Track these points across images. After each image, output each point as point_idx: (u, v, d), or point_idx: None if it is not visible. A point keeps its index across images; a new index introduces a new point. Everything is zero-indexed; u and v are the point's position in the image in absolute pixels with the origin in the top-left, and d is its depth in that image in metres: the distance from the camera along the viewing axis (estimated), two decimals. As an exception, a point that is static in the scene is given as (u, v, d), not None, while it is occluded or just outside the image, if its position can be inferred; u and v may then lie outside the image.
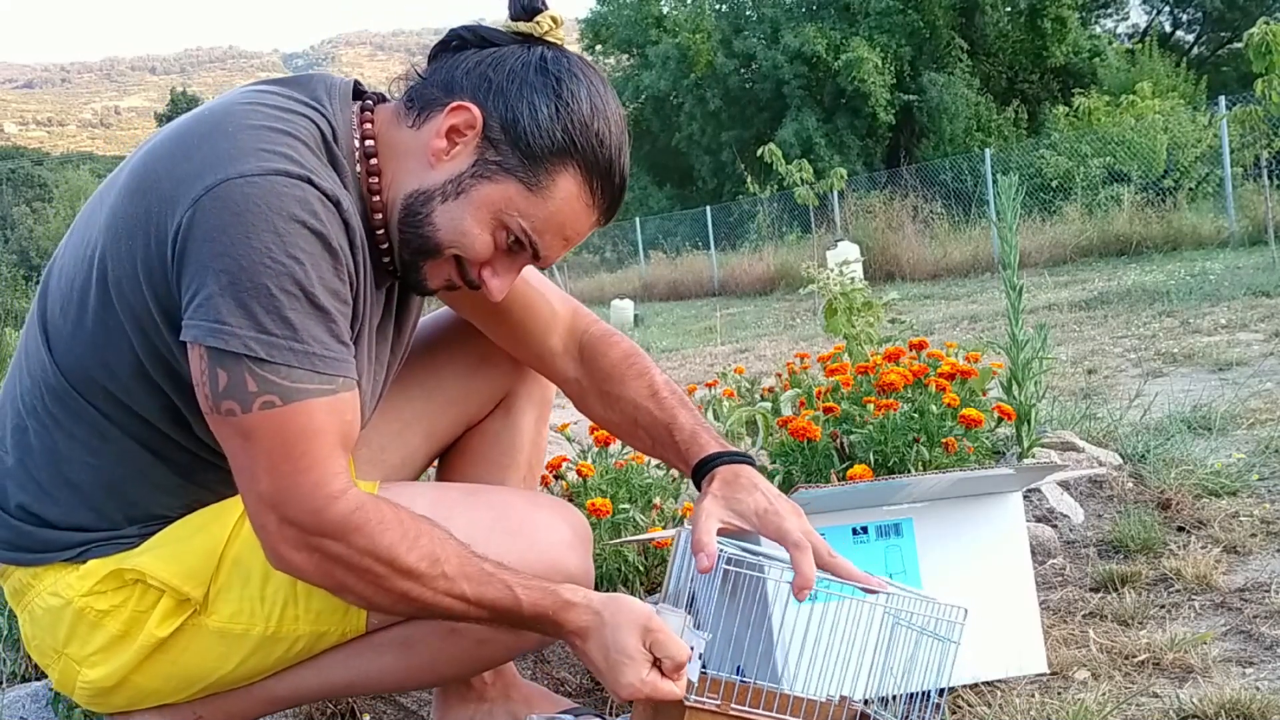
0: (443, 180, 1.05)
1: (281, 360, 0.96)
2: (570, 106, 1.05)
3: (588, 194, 1.07)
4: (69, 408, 1.07)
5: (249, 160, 0.96)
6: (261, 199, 0.95)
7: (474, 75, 1.06)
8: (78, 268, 1.05)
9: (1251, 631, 1.53)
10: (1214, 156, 12.42)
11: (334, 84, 1.11)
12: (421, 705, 1.51)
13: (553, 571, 1.14)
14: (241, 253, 0.94)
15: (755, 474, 1.19)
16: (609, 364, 1.31)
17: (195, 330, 0.96)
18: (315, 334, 0.97)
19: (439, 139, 1.05)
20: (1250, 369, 3.81)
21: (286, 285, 0.95)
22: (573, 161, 1.05)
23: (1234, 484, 2.22)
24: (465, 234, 1.06)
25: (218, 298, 0.94)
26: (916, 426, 2.00)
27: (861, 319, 3.07)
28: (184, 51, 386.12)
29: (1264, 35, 7.18)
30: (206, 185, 0.95)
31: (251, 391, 0.96)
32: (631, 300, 13.21)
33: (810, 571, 1.09)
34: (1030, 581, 1.46)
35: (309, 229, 0.97)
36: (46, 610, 1.12)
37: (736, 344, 7.56)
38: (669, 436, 1.26)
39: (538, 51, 1.07)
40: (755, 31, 24.35)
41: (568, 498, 1.80)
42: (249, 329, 0.94)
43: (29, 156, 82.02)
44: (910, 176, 15.44)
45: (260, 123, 1.00)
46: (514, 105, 1.04)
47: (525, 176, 1.05)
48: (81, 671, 1.13)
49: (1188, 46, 28.85)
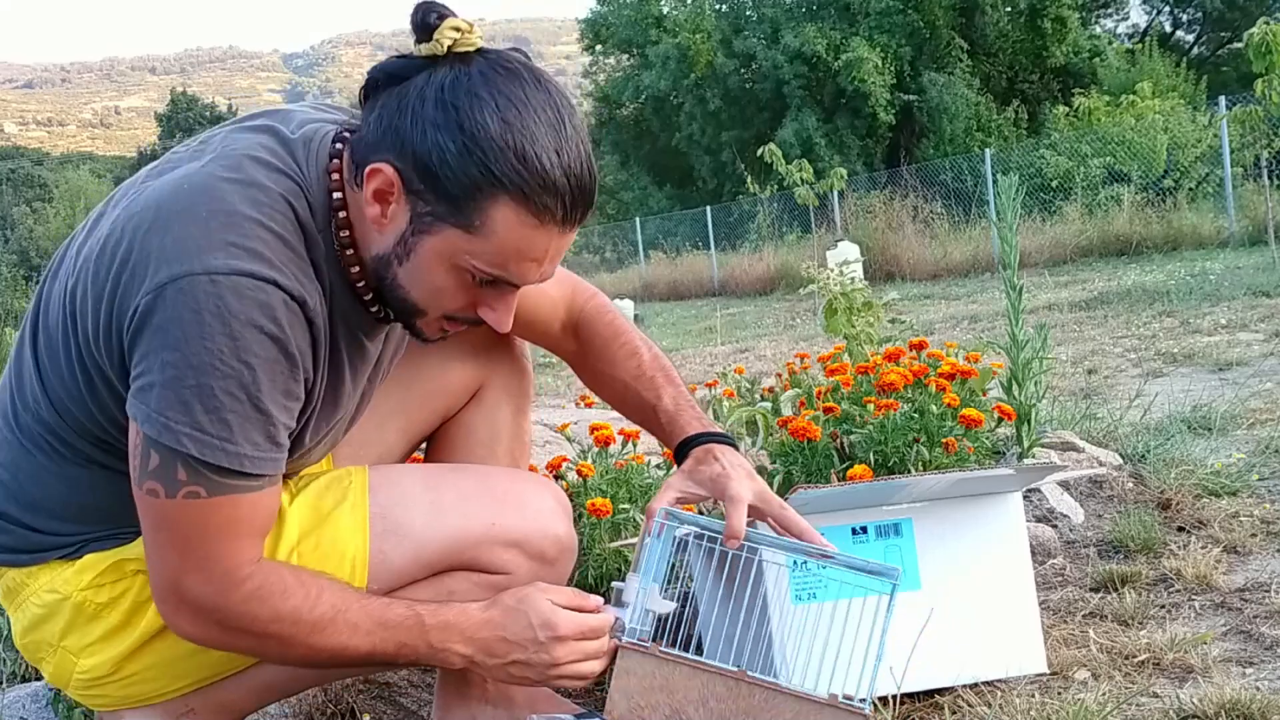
0: (391, 244, 1.03)
1: (212, 459, 0.97)
2: (476, 136, 0.96)
3: (531, 216, 0.99)
4: (63, 439, 1.08)
5: (218, 255, 0.95)
6: (222, 300, 0.94)
7: (384, 126, 1.00)
8: (61, 310, 1.06)
9: (1251, 631, 1.53)
10: (1214, 156, 12.42)
11: (315, 141, 1.07)
12: (422, 705, 1.51)
13: (542, 535, 1.21)
14: (193, 351, 0.94)
15: (725, 450, 1.23)
16: (601, 342, 1.36)
17: (135, 410, 0.98)
18: (251, 437, 0.98)
19: (370, 205, 1.01)
20: (1250, 369, 3.81)
21: (232, 389, 0.96)
22: (499, 190, 0.97)
23: (1234, 484, 2.22)
24: (434, 291, 1.04)
25: (161, 388, 0.95)
26: (916, 426, 2.00)
27: (861, 319, 3.06)
28: (184, 51, 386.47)
29: (1264, 35, 7.18)
30: (173, 274, 0.95)
31: (180, 480, 0.98)
32: (631, 300, 13.17)
33: (738, 524, 1.16)
34: (1030, 582, 1.46)
35: (266, 334, 0.97)
36: (43, 606, 1.13)
37: (736, 344, 7.56)
38: (654, 417, 1.32)
39: (436, 80, 0.98)
40: (755, 31, 24.34)
41: (568, 497, 1.80)
42: (185, 425, 0.96)
43: (29, 156, 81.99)
44: (910, 176, 15.43)
45: (237, 207, 0.98)
46: (421, 153, 0.97)
47: (459, 220, 0.99)
48: (79, 663, 1.14)
49: (1188, 46, 28.84)
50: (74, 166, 55.90)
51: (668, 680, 1.13)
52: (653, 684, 1.13)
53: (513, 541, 1.20)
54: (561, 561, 1.25)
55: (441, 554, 1.18)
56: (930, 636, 1.37)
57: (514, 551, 1.20)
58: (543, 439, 2.79)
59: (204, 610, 1.03)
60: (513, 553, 1.20)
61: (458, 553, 1.18)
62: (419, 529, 1.17)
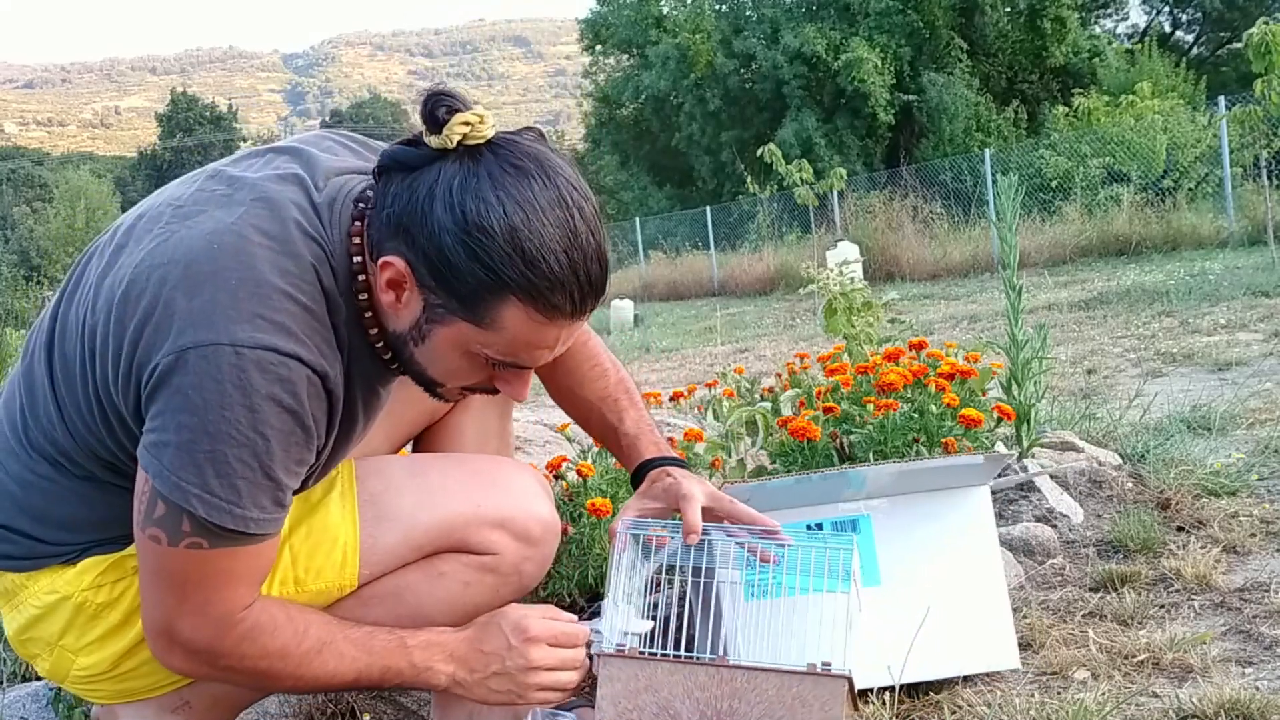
0: (407, 327, 1.05)
1: (218, 521, 0.99)
2: (483, 241, 0.96)
3: (539, 314, 0.99)
4: (76, 461, 1.09)
5: (244, 327, 0.97)
6: (245, 373, 0.96)
7: (394, 219, 1.00)
8: (78, 342, 1.06)
9: (1251, 631, 1.53)
10: (1213, 157, 12.41)
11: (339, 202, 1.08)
12: (422, 705, 1.51)
13: (526, 514, 1.24)
14: (211, 418, 0.96)
15: (681, 471, 1.31)
16: (573, 361, 1.39)
17: (146, 463, 0.99)
18: (259, 501, 1.00)
19: (384, 293, 1.03)
20: (1249, 369, 3.81)
21: (245, 457, 0.98)
22: (508, 292, 0.98)
23: (1233, 484, 2.22)
24: (450, 372, 1.08)
25: (175, 449, 0.97)
26: (916, 426, 2.00)
27: (861, 319, 3.06)
28: (184, 52, 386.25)
29: (1263, 35, 7.19)
30: (198, 340, 0.96)
31: (184, 531, 0.99)
32: (631, 300, 13.21)
33: (694, 519, 1.22)
34: (1000, 576, 1.44)
35: (284, 408, 0.98)
36: (41, 606, 1.14)
37: (736, 344, 7.56)
38: (616, 440, 1.38)
39: (445, 179, 0.98)
40: (755, 32, 24.34)
41: (568, 497, 1.80)
42: (196, 487, 0.97)
43: (29, 156, 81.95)
44: (910, 176, 15.43)
45: (266, 277, 0.99)
46: (430, 252, 0.98)
47: (469, 316, 1.00)
48: (77, 661, 1.15)
49: (1187, 47, 28.85)
50: (74, 167, 55.84)
51: (651, 679, 1.16)
52: (637, 686, 1.16)
53: (498, 521, 1.22)
54: (546, 542, 1.27)
55: (430, 536, 1.21)
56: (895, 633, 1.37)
57: (500, 531, 1.22)
58: (543, 439, 2.79)
59: (197, 651, 1.06)
60: (499, 533, 1.22)
61: (446, 534, 1.21)
62: (407, 513, 1.20)
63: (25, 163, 68.17)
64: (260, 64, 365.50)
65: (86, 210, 36.10)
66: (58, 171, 57.58)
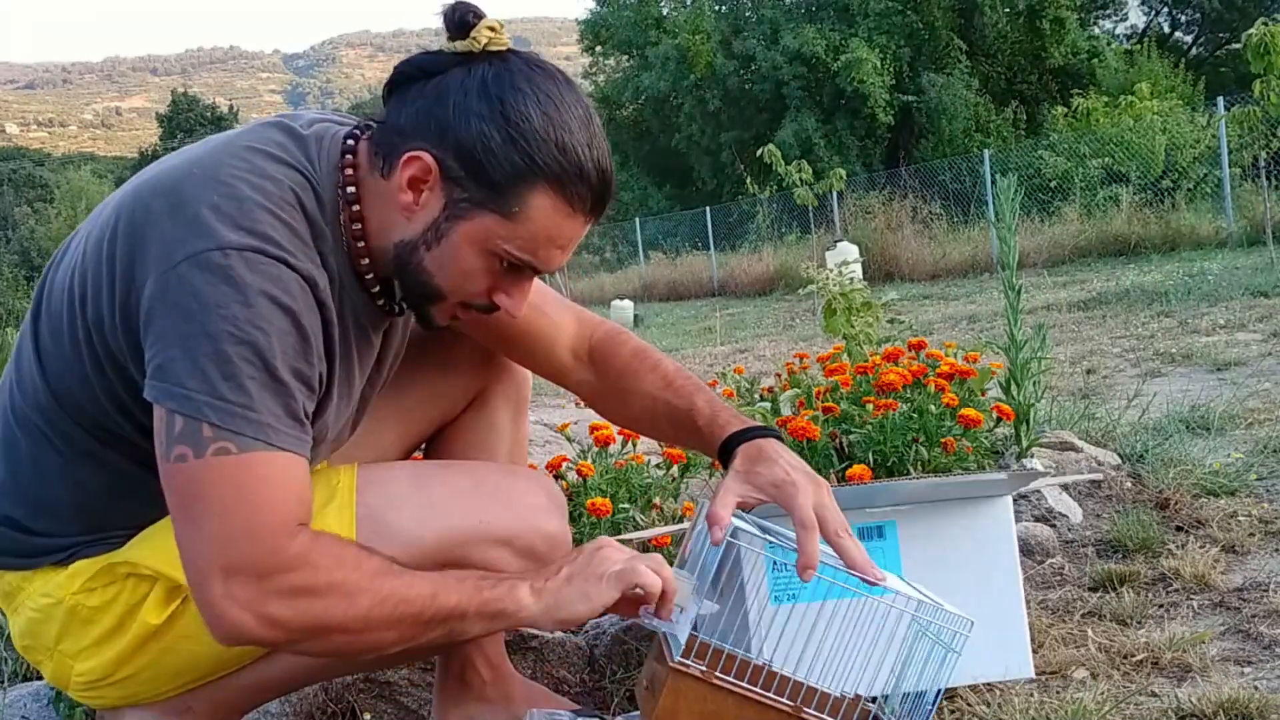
0: (421, 230, 1.05)
1: (233, 427, 0.95)
2: (521, 126, 1.01)
3: (565, 205, 1.04)
4: (61, 429, 1.08)
5: (229, 233, 0.97)
6: (235, 270, 0.95)
7: (421, 116, 1.03)
8: (65, 296, 1.06)
9: (1250, 631, 1.53)
10: (1212, 157, 12.42)
11: (326, 139, 1.09)
12: (422, 705, 1.52)
13: (533, 532, 1.19)
14: (208, 319, 0.94)
15: (779, 446, 1.19)
16: (621, 363, 1.33)
17: (154, 390, 0.97)
18: (271, 408, 0.97)
19: (403, 193, 1.04)
20: (1248, 369, 3.81)
21: (247, 354, 0.95)
22: (540, 179, 1.02)
23: (1232, 484, 2.22)
24: (462, 274, 1.07)
25: (179, 361, 0.95)
26: (915, 426, 2.01)
27: (861, 319, 3.07)
28: (185, 52, 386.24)
29: (1262, 36, 7.20)
30: (187, 252, 0.96)
31: (206, 437, 0.95)
32: (631, 300, 13.22)
33: (813, 551, 1.09)
34: (1019, 587, 1.45)
35: (279, 305, 0.97)
36: (37, 610, 1.13)
37: (736, 344, 7.56)
38: (691, 422, 1.27)
39: (478, 73, 1.03)
40: (755, 32, 24.35)
41: (568, 497, 1.81)
42: (204, 394, 0.95)
43: (30, 157, 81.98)
44: (909, 177, 15.45)
45: (247, 194, 1.00)
46: (464, 140, 1.01)
47: (497, 206, 1.03)
48: (75, 666, 1.14)
49: (1186, 47, 28.85)
50: (75, 167, 55.92)
51: (717, 708, 1.08)
52: (702, 708, 1.08)
53: (502, 539, 1.19)
54: (552, 558, 1.22)
55: (430, 554, 1.16)
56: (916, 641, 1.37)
57: (503, 549, 1.19)
58: (543, 439, 2.79)
59: (257, 576, 0.95)
60: (502, 550, 1.19)
61: (446, 551, 1.17)
62: (407, 529, 1.16)
63: (26, 163, 68.16)
64: (261, 64, 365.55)
65: (87, 210, 36.01)
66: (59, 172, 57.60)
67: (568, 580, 1.06)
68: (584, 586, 1.06)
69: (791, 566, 1.11)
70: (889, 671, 1.18)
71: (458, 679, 1.36)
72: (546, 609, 1.05)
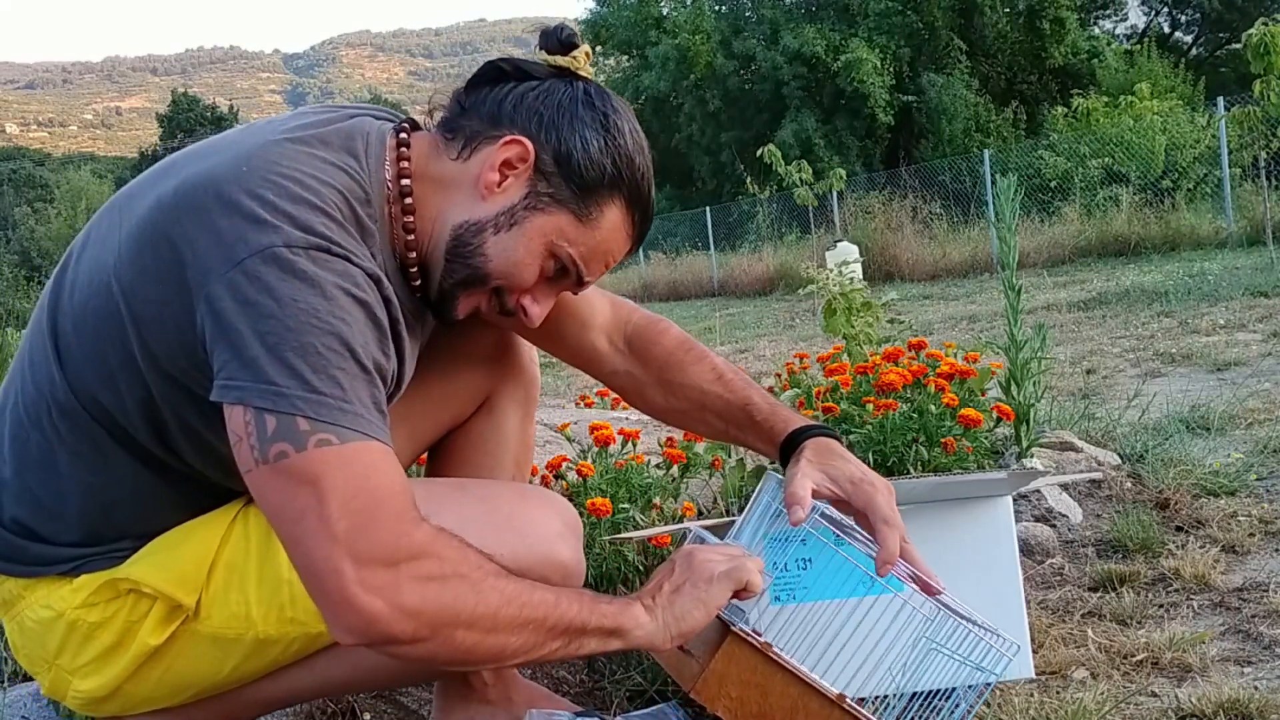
0: (495, 212, 1.07)
1: (331, 419, 0.91)
2: (617, 141, 1.09)
3: (629, 223, 1.12)
4: (75, 425, 1.05)
5: (295, 232, 0.94)
6: (307, 266, 0.93)
7: (523, 108, 1.08)
8: (94, 290, 1.02)
9: (1250, 631, 1.54)
10: (1212, 157, 12.42)
11: (372, 135, 1.08)
12: (422, 705, 1.52)
13: (545, 563, 1.15)
14: (288, 314, 0.91)
15: (844, 448, 1.22)
16: (664, 352, 1.33)
17: (237, 392, 0.91)
18: (361, 397, 0.94)
19: (491, 172, 1.06)
20: (1248, 369, 3.82)
21: (333, 345, 0.92)
22: (620, 193, 1.10)
23: (1232, 484, 2.22)
24: (516, 264, 1.08)
25: (262, 358, 0.90)
26: (916, 426, 2.01)
27: (861, 319, 3.07)
28: (185, 52, 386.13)
29: (1262, 36, 7.20)
30: (252, 249, 0.92)
31: (304, 431, 0.90)
32: (632, 301, 13.21)
33: (894, 548, 1.12)
34: (1019, 588, 1.45)
35: (355, 298, 0.95)
36: (37, 622, 1.11)
37: (736, 344, 7.56)
38: (747, 417, 1.29)
39: (580, 86, 1.11)
40: (755, 33, 24.36)
41: (568, 497, 1.80)
42: (298, 388, 0.90)
43: (30, 157, 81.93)
44: (909, 177, 15.45)
45: (299, 192, 0.98)
46: (566, 138, 1.07)
47: (576, 208, 1.08)
48: (73, 682, 1.12)
49: (1186, 47, 28.86)
50: (75, 167, 55.94)
51: (765, 681, 1.09)
52: (751, 679, 1.08)
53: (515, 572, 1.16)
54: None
55: None
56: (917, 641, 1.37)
57: None
58: (543, 439, 2.79)
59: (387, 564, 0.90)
60: None
61: None
62: None
63: (26, 163, 68.15)
64: (261, 64, 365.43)
65: (87, 211, 36.16)
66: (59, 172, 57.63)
67: (676, 591, 1.06)
68: (695, 593, 1.06)
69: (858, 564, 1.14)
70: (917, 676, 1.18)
71: (458, 679, 1.36)
72: (665, 625, 1.04)
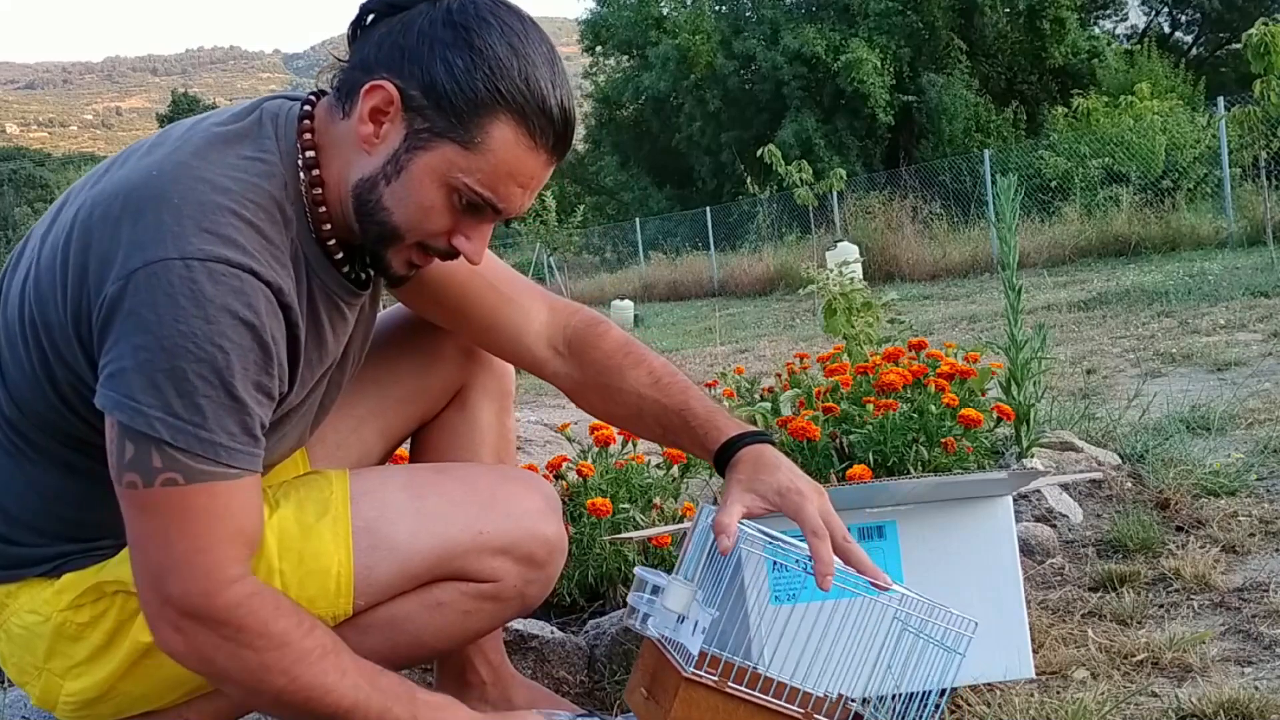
0: (381, 163, 1.03)
1: (185, 445, 0.94)
2: (485, 54, 1.00)
3: (527, 137, 1.03)
4: (28, 438, 1.06)
5: (192, 242, 0.94)
6: (197, 284, 0.93)
7: (385, 47, 1.02)
8: (19, 301, 1.04)
9: (1250, 631, 1.53)
10: (1212, 157, 12.42)
11: (282, 115, 1.08)
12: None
13: (531, 538, 1.18)
14: (166, 334, 0.92)
15: (777, 453, 1.19)
16: (602, 355, 1.29)
17: (105, 399, 0.95)
18: (226, 425, 0.96)
19: (364, 124, 1.02)
20: (1249, 369, 3.82)
21: (204, 372, 0.94)
22: (502, 109, 1.01)
23: (1232, 484, 2.22)
24: (419, 209, 1.04)
25: (132, 373, 0.93)
26: (916, 426, 2.01)
27: (861, 319, 3.07)
28: (185, 52, 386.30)
29: (1262, 36, 7.20)
30: (146, 259, 0.93)
31: (155, 467, 0.95)
32: (631, 301, 13.21)
33: (829, 558, 1.09)
34: (1019, 587, 1.44)
35: (241, 320, 0.95)
36: (24, 628, 1.10)
37: (736, 344, 7.57)
38: (683, 424, 1.24)
39: (443, 5, 1.02)
40: (755, 33, 24.35)
41: (568, 497, 1.80)
42: (157, 410, 0.93)
43: (30, 157, 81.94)
44: (909, 177, 15.45)
45: (209, 196, 0.98)
46: (428, 68, 1.00)
47: (458, 135, 1.01)
48: (65, 685, 1.11)
49: (1186, 47, 28.85)
50: (76, 167, 55.92)
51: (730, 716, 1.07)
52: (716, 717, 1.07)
53: (500, 548, 1.17)
54: (552, 563, 1.23)
55: (428, 566, 1.16)
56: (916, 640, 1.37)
57: (502, 558, 1.18)
58: (543, 439, 2.79)
59: (189, 615, 0.97)
60: (501, 559, 1.18)
61: (445, 563, 1.16)
62: (404, 542, 1.14)
63: (27, 163, 68.21)
64: (261, 64, 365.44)
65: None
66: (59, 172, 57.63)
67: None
68: None
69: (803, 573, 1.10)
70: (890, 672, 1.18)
71: (458, 679, 1.36)
72: None
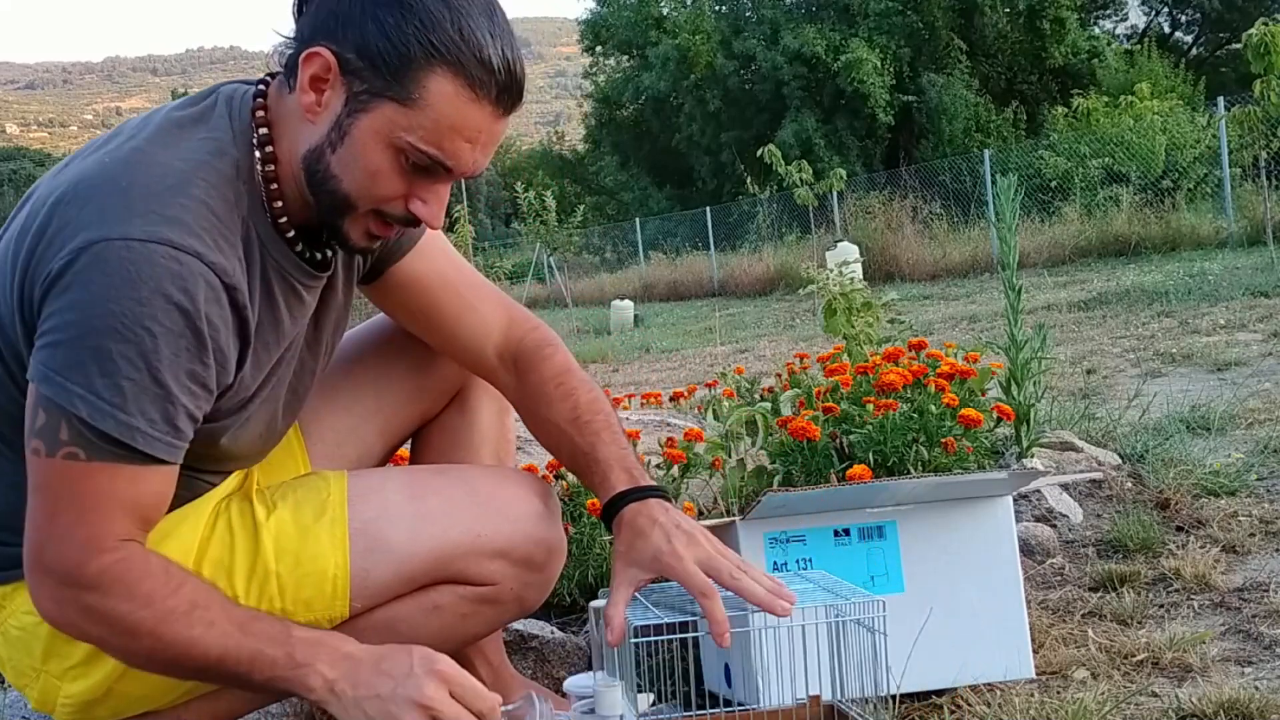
0: (325, 130, 1.02)
1: (100, 425, 0.94)
2: (415, 9, 0.98)
3: (467, 89, 1.00)
4: (4, 437, 1.05)
5: (135, 222, 0.94)
6: (134, 265, 0.93)
7: (322, 13, 1.01)
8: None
9: (1250, 631, 1.53)
10: (1212, 157, 12.42)
11: (236, 97, 1.08)
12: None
13: (528, 540, 1.18)
14: (97, 312, 0.92)
15: (657, 507, 1.14)
16: (538, 380, 1.27)
17: (35, 371, 0.96)
18: (146, 411, 0.95)
19: (305, 94, 1.01)
20: (1249, 369, 3.82)
21: (130, 354, 0.93)
22: (437, 62, 0.98)
23: (1233, 484, 2.22)
24: (367, 173, 1.02)
25: (61, 347, 0.93)
26: (916, 426, 2.00)
27: (861, 319, 3.07)
28: (185, 52, 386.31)
29: (1262, 36, 7.21)
30: (89, 239, 0.93)
31: (61, 440, 0.95)
32: (631, 301, 13.21)
33: (720, 615, 1.06)
34: (1019, 587, 1.45)
35: (175, 305, 0.95)
36: (21, 629, 1.09)
37: (736, 344, 7.57)
38: (587, 468, 1.22)
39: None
40: (755, 33, 24.35)
41: (568, 498, 1.80)
42: (79, 386, 0.93)
43: (30, 157, 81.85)
44: (909, 177, 15.46)
45: (159, 178, 0.98)
46: (361, 28, 0.99)
47: (396, 93, 0.99)
48: (63, 687, 1.10)
49: (1186, 47, 28.86)
50: (73, 167, 55.74)
51: None
52: None
53: (498, 551, 1.17)
54: (550, 566, 1.22)
55: (425, 569, 1.15)
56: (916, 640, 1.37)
57: (500, 561, 1.18)
58: (542, 439, 2.78)
59: (61, 581, 0.97)
60: (499, 562, 1.18)
61: (442, 566, 1.16)
62: (401, 544, 1.14)
63: (27, 163, 68.18)
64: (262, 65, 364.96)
65: (86, 211, 35.88)
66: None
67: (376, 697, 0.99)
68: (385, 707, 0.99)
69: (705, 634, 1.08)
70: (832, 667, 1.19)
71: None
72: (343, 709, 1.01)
